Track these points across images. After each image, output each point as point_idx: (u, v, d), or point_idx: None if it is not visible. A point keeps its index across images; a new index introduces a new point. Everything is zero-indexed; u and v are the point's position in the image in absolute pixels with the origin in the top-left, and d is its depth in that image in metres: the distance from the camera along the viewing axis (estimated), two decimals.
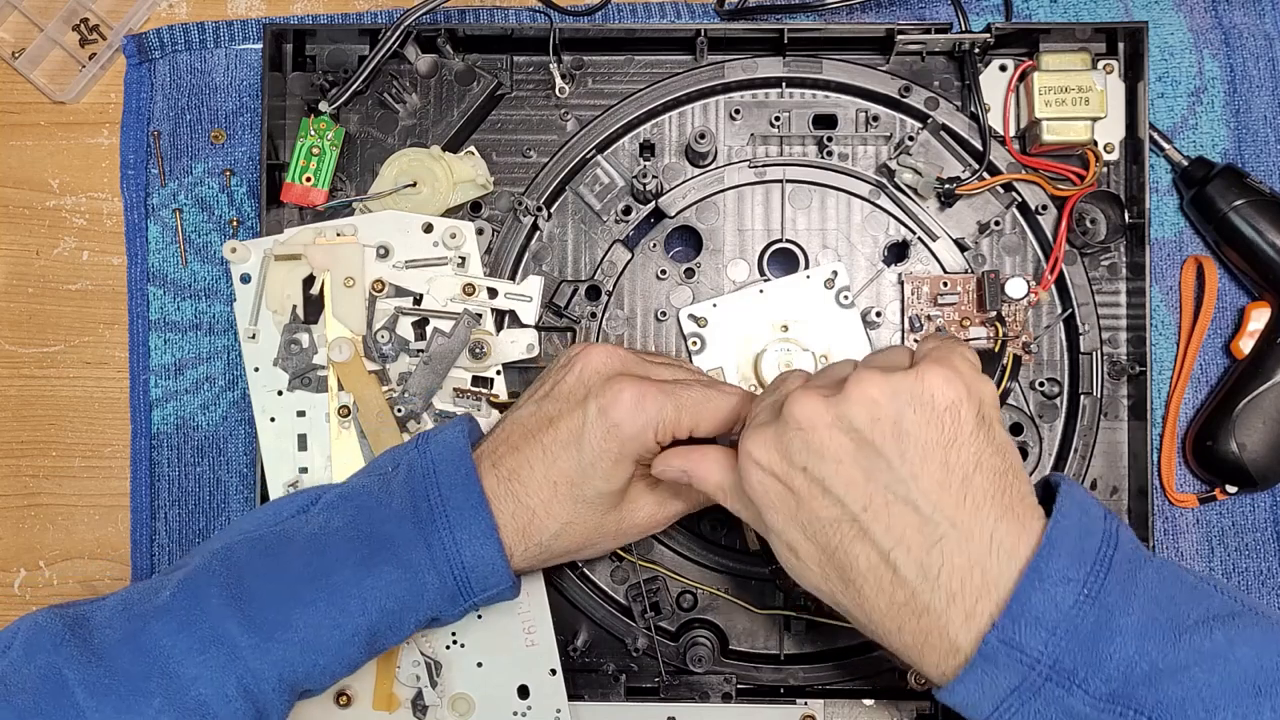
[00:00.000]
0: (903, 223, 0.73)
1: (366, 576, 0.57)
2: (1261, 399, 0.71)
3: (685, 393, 0.59)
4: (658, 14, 0.77)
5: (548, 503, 0.59)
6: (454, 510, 0.58)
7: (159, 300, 0.77)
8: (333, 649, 0.57)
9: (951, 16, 0.73)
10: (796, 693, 0.71)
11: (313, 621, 0.56)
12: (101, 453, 0.77)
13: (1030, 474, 0.71)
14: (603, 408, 0.58)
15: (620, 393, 0.58)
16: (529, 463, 0.59)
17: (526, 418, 0.61)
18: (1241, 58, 0.76)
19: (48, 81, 0.79)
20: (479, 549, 0.58)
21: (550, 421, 0.60)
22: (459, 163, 0.71)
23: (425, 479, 0.59)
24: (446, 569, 0.58)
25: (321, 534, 0.59)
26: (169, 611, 0.56)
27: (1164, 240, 0.75)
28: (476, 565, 0.58)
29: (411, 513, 0.58)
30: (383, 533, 0.58)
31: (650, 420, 0.58)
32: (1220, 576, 0.74)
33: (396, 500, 0.59)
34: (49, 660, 0.54)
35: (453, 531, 0.58)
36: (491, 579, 0.59)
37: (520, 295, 0.69)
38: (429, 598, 0.58)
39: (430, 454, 0.60)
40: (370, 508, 0.59)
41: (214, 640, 0.55)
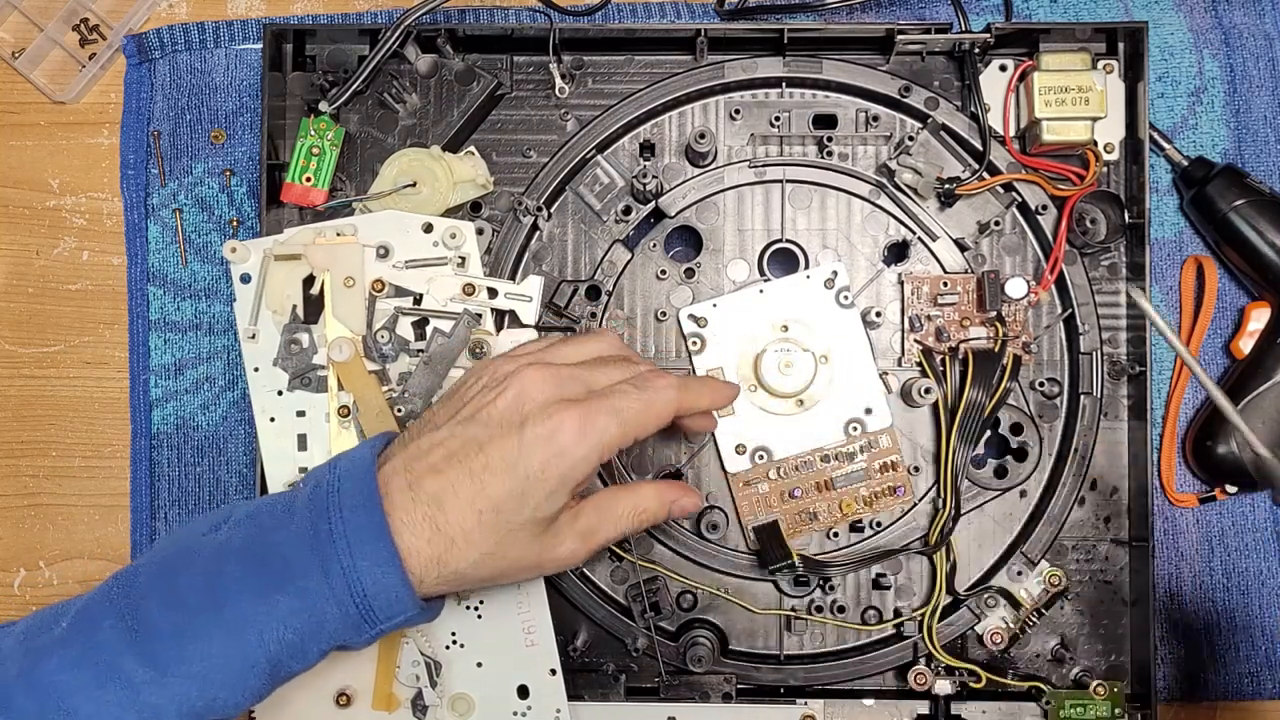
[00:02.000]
0: (903, 223, 0.73)
1: (262, 607, 0.54)
2: (1261, 399, 0.71)
3: (625, 405, 0.57)
4: (658, 14, 0.77)
5: (469, 532, 0.56)
6: (354, 534, 0.54)
7: (159, 300, 0.77)
8: (232, 682, 0.54)
9: (951, 16, 0.73)
10: (796, 693, 0.71)
11: (208, 655, 0.54)
12: (101, 453, 0.77)
13: (1030, 473, 0.71)
14: (544, 436, 0.55)
15: (563, 421, 0.56)
16: (453, 488, 0.56)
17: (448, 439, 0.57)
18: (1241, 58, 0.76)
19: (48, 81, 0.79)
20: (380, 576, 0.54)
21: (480, 446, 0.56)
22: (459, 163, 0.71)
23: (328, 498, 0.56)
24: (347, 597, 0.54)
25: (219, 556, 0.55)
26: (65, 644, 0.54)
27: (1164, 240, 0.75)
28: (379, 593, 0.55)
29: (311, 536, 0.55)
30: (280, 556, 0.55)
31: (595, 446, 0.56)
32: (1220, 577, 0.74)
33: (297, 522, 0.56)
34: None
35: (353, 558, 0.54)
36: (396, 606, 0.55)
37: (520, 295, 0.69)
38: (330, 627, 0.55)
39: (337, 471, 0.57)
40: (270, 529, 0.56)
41: (110, 675, 0.53)
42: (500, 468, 0.56)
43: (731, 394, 0.66)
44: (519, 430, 0.56)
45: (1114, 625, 0.71)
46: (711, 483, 0.72)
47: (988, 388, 0.69)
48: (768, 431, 0.71)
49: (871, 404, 0.71)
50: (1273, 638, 0.74)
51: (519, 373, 0.58)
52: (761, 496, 0.71)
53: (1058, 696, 0.69)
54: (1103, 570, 0.71)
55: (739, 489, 0.72)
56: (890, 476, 0.71)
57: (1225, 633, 0.74)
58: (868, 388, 0.71)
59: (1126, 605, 0.71)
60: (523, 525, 0.56)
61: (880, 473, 0.71)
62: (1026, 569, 0.71)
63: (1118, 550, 0.72)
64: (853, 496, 0.71)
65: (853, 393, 0.71)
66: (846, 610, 0.72)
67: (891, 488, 0.71)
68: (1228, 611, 0.74)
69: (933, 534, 0.70)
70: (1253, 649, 0.74)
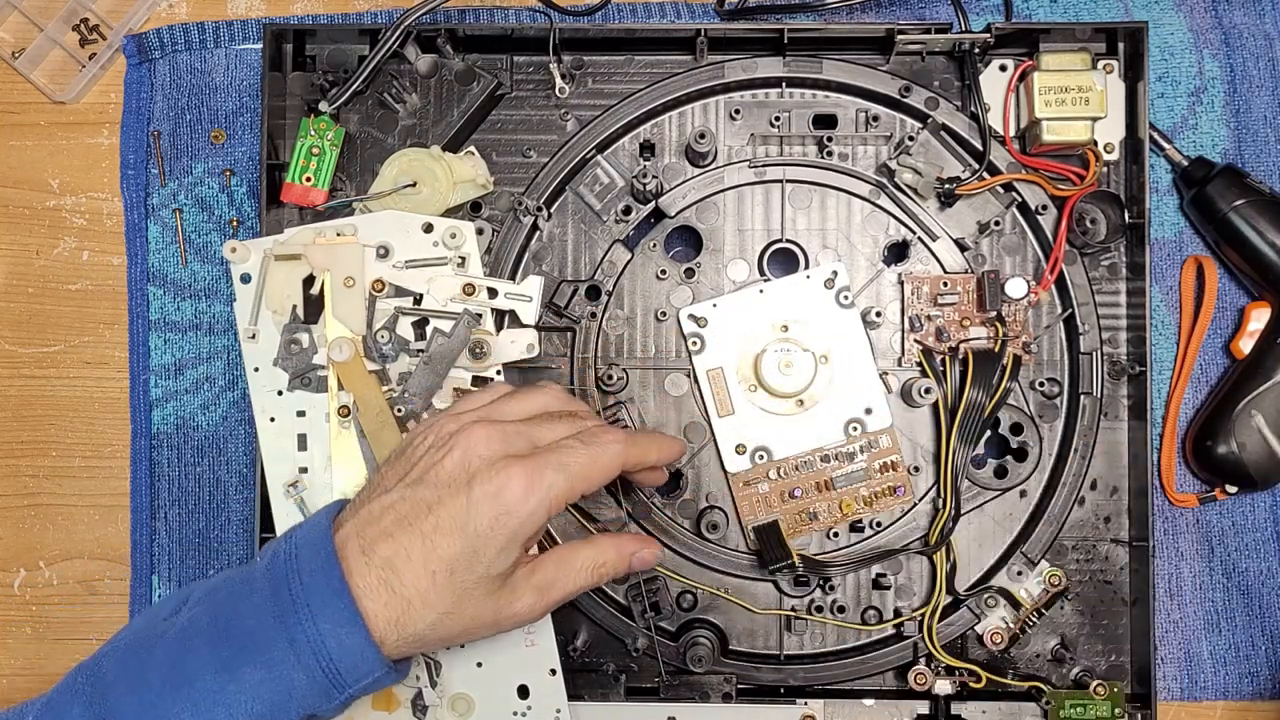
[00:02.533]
0: (903, 223, 0.73)
1: (229, 682, 0.53)
2: (1261, 399, 0.71)
3: (572, 460, 0.57)
4: (658, 14, 0.77)
5: (425, 593, 0.55)
6: (315, 599, 0.54)
7: (159, 300, 0.77)
8: None
9: (951, 16, 0.73)
10: (796, 693, 0.71)
11: None
12: (101, 453, 0.77)
13: (1030, 473, 0.71)
14: (492, 494, 0.56)
15: (510, 479, 0.56)
16: (405, 551, 0.55)
17: (398, 502, 0.57)
18: (1241, 58, 0.76)
19: (48, 81, 0.79)
20: (345, 639, 0.54)
21: (429, 508, 0.56)
22: (459, 163, 0.71)
23: (286, 566, 0.56)
24: (313, 663, 0.54)
25: (183, 636, 0.55)
26: None
27: (1164, 240, 0.75)
28: (344, 656, 0.54)
29: (272, 605, 0.54)
30: (243, 629, 0.54)
31: (542, 501, 0.56)
32: (1220, 577, 0.74)
33: (257, 593, 0.55)
34: None
35: (316, 623, 0.54)
36: (364, 668, 0.55)
37: (520, 295, 0.69)
38: (299, 695, 0.54)
39: (294, 540, 0.57)
40: (231, 603, 0.56)
41: None
42: (450, 528, 0.56)
43: (678, 450, 0.66)
44: (467, 489, 0.56)
45: (1114, 625, 0.71)
46: (711, 483, 0.72)
47: (988, 388, 0.69)
48: (768, 431, 0.71)
49: (871, 404, 0.71)
50: (1273, 637, 0.74)
51: (464, 431, 0.58)
52: (761, 496, 0.71)
53: (1058, 696, 0.69)
54: (1103, 570, 0.71)
55: (739, 489, 0.72)
56: (890, 476, 0.71)
57: (1225, 633, 0.74)
58: (868, 388, 0.71)
59: (1126, 605, 0.71)
60: (477, 584, 0.56)
61: (880, 473, 0.71)
62: (1026, 569, 0.71)
63: (1118, 550, 0.72)
64: (853, 496, 0.71)
65: (853, 393, 0.71)
66: (846, 610, 0.72)
67: (891, 488, 0.71)
68: (1228, 611, 0.74)
69: (933, 534, 0.70)
70: (1253, 649, 0.74)
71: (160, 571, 0.76)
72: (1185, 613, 0.74)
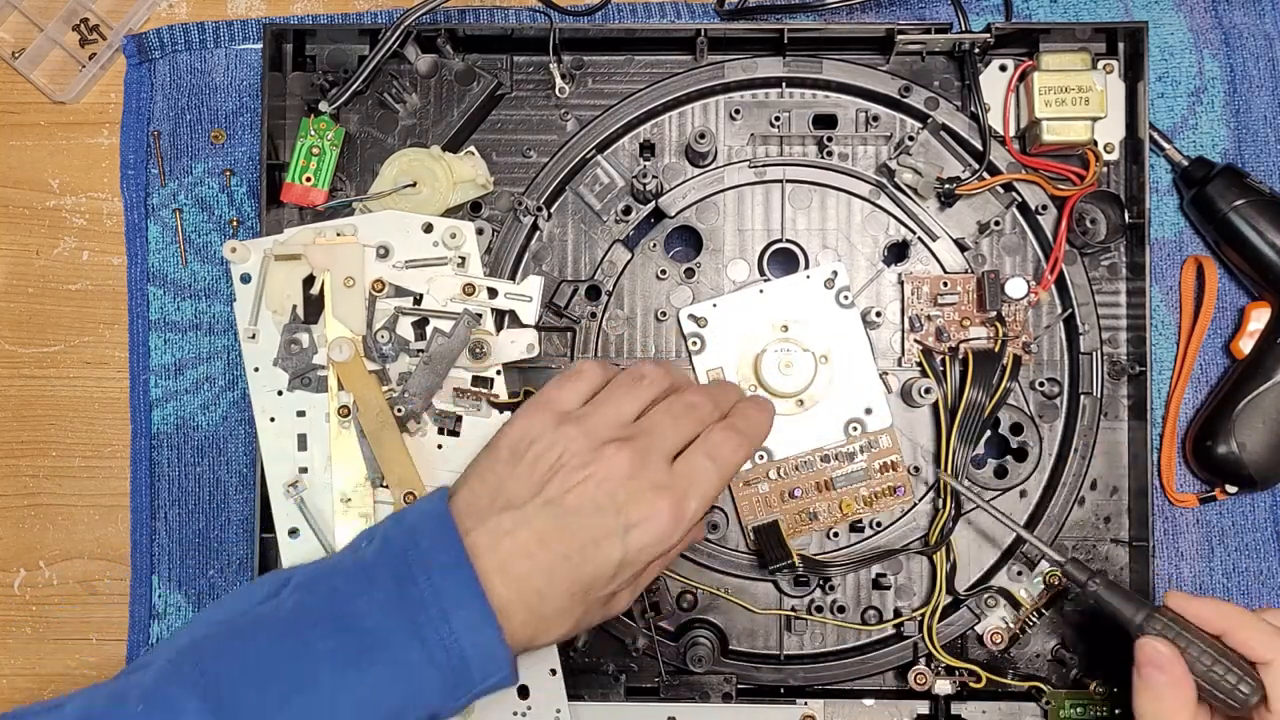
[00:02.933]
0: (903, 223, 0.73)
1: (357, 682, 0.52)
2: (1261, 399, 0.71)
3: (707, 485, 0.59)
4: (658, 14, 0.77)
5: (562, 612, 0.56)
6: (449, 600, 0.54)
7: (159, 300, 0.77)
8: None
9: (951, 16, 0.73)
10: (796, 693, 0.71)
11: None
12: (101, 453, 0.77)
13: (1030, 473, 0.71)
14: (640, 526, 0.57)
15: (658, 513, 0.57)
16: (549, 574, 0.56)
17: (535, 520, 0.56)
18: (1241, 58, 0.76)
19: (48, 81, 0.79)
20: (479, 639, 0.54)
21: (572, 533, 0.56)
22: (459, 163, 0.71)
23: (409, 560, 0.55)
24: (445, 663, 0.53)
25: (298, 625, 0.54)
26: None
27: (1164, 240, 0.75)
28: (477, 657, 0.54)
29: (399, 601, 0.54)
30: (366, 625, 0.53)
31: (685, 526, 0.58)
32: (1220, 577, 0.74)
33: (380, 587, 0.54)
34: None
35: (449, 624, 0.53)
36: (492, 667, 0.54)
37: (520, 295, 0.69)
38: (428, 695, 0.54)
39: (412, 531, 0.56)
40: (350, 595, 0.54)
41: None
42: (595, 555, 0.56)
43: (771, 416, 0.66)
44: (615, 518, 0.56)
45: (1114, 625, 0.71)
46: None
47: (988, 388, 0.69)
48: None
49: (871, 404, 0.71)
50: None
51: (603, 456, 0.58)
52: (761, 496, 0.71)
53: (1058, 696, 0.69)
54: (1103, 570, 0.71)
55: (739, 489, 0.72)
56: (890, 476, 0.71)
57: None
58: (868, 388, 0.71)
59: None
60: (604, 599, 0.58)
61: (880, 473, 0.71)
62: (1026, 569, 0.71)
63: (1118, 550, 0.72)
64: (853, 496, 0.71)
65: (853, 393, 0.71)
66: (846, 610, 0.72)
67: (891, 488, 0.71)
68: None
69: (933, 534, 0.70)
70: None
71: (160, 571, 0.76)
72: None
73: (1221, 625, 0.60)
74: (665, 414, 0.61)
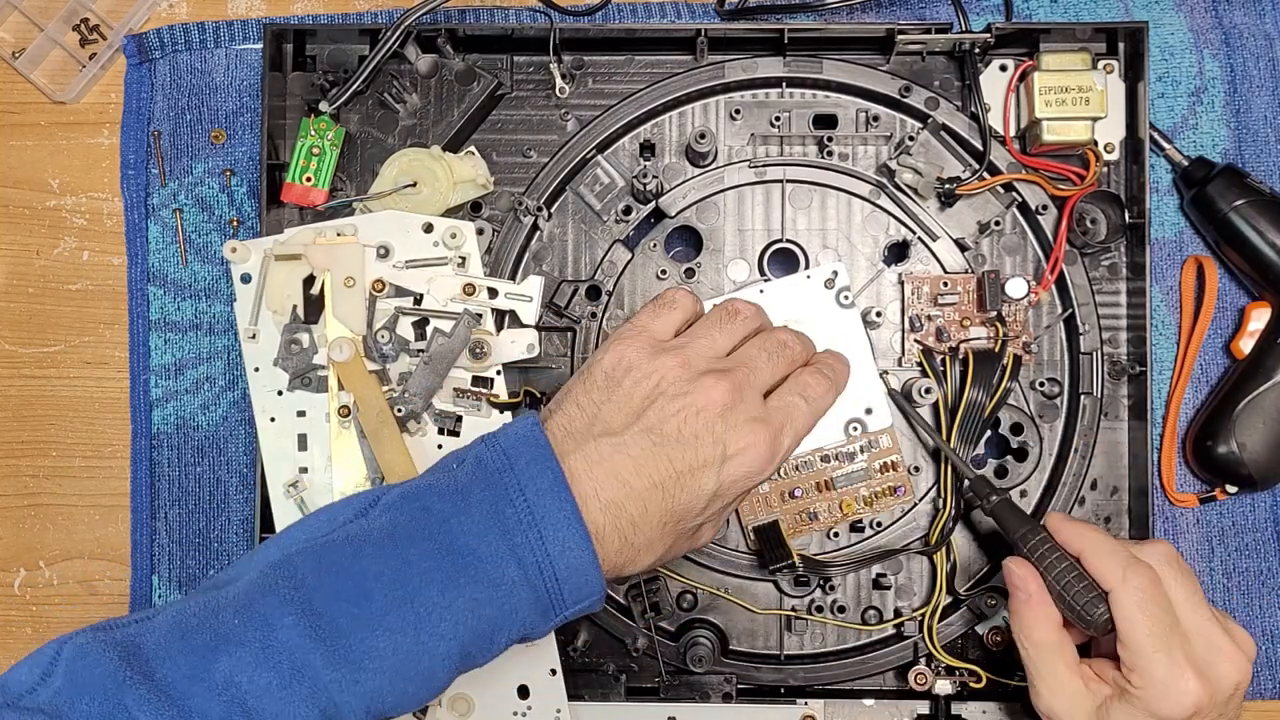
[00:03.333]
0: (903, 223, 0.73)
1: (456, 597, 0.53)
2: (1261, 399, 0.71)
3: (800, 422, 0.61)
4: (658, 14, 0.77)
5: (653, 540, 0.57)
6: (545, 523, 0.54)
7: (159, 300, 0.77)
8: (423, 674, 0.53)
9: (951, 16, 0.73)
10: (796, 693, 0.71)
11: (402, 647, 0.52)
12: (101, 453, 0.77)
13: (1030, 473, 0.71)
14: (737, 459, 0.58)
15: (756, 444, 0.58)
16: (643, 503, 0.56)
17: (631, 447, 0.57)
18: (1241, 58, 0.76)
19: (48, 81, 0.79)
20: (573, 560, 0.54)
21: (669, 461, 0.57)
22: (459, 163, 0.71)
23: (504, 479, 0.55)
24: (540, 582, 0.54)
25: (394, 542, 0.54)
26: (241, 642, 0.51)
27: (1164, 240, 0.75)
28: (570, 577, 0.54)
29: (496, 520, 0.54)
30: (465, 544, 0.54)
31: (779, 460, 0.60)
32: (1220, 577, 0.74)
33: (475, 505, 0.54)
34: (114, 699, 0.49)
35: (545, 545, 0.54)
36: (584, 590, 0.55)
37: (520, 295, 0.69)
38: (522, 614, 0.54)
39: (506, 453, 0.56)
40: (445, 514, 0.54)
41: (296, 674, 0.50)
42: (692, 485, 0.57)
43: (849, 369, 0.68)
44: (713, 449, 0.57)
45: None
46: None
47: (988, 388, 0.69)
48: None
49: (871, 404, 0.71)
50: (1273, 637, 0.74)
51: (702, 388, 0.58)
52: (762, 496, 0.71)
53: None
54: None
55: None
56: (890, 476, 0.71)
57: None
58: (868, 388, 0.71)
59: None
60: (691, 530, 0.60)
61: (880, 473, 0.71)
62: None
63: None
64: (853, 496, 0.71)
65: (853, 393, 0.71)
66: (847, 610, 0.72)
67: (891, 488, 0.71)
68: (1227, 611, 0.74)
69: (933, 534, 0.70)
70: None
71: (160, 571, 0.76)
72: None
73: (1080, 547, 0.61)
74: (760, 350, 0.62)
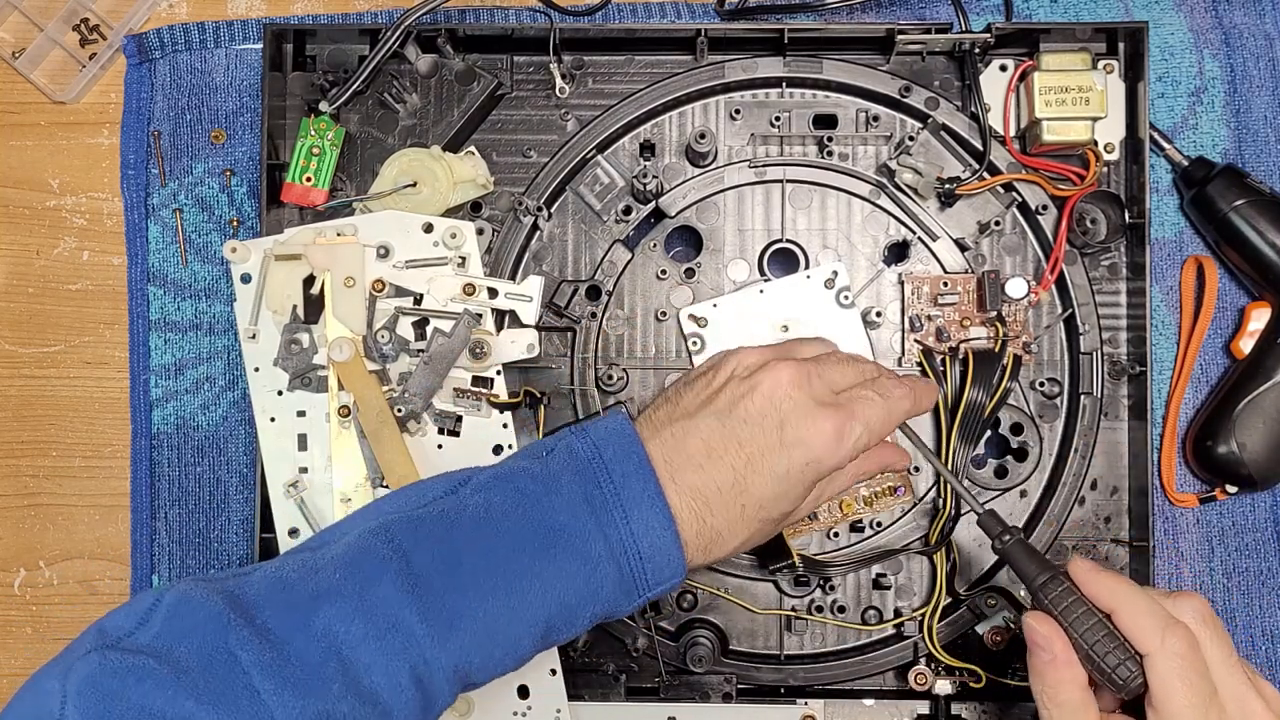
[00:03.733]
0: (903, 223, 0.73)
1: (547, 566, 0.55)
2: (1261, 399, 0.71)
3: (872, 414, 0.60)
4: (658, 14, 0.77)
5: (733, 524, 0.58)
6: (631, 503, 0.56)
7: (159, 300, 0.77)
8: (509, 641, 0.55)
9: (951, 16, 0.73)
10: (796, 693, 0.71)
11: (492, 611, 0.54)
12: (101, 453, 0.77)
13: (1030, 473, 0.71)
14: (803, 440, 0.58)
15: (823, 427, 0.58)
16: (716, 485, 0.57)
17: (707, 431, 0.58)
18: (1241, 58, 0.76)
19: (48, 81, 0.79)
20: (656, 540, 0.56)
21: (740, 444, 0.58)
22: (459, 163, 0.71)
23: (593, 466, 0.57)
24: (625, 560, 0.56)
25: (487, 517, 0.56)
26: (340, 595, 0.53)
27: (1164, 240, 0.75)
28: (653, 557, 0.56)
29: (585, 501, 0.56)
30: (555, 522, 0.56)
31: (847, 452, 0.59)
32: (1220, 577, 0.74)
33: (565, 487, 0.56)
34: (217, 640, 0.51)
35: (630, 525, 0.56)
36: (666, 570, 0.57)
37: (520, 295, 0.69)
38: (606, 590, 0.56)
39: (594, 443, 0.58)
40: (537, 495, 0.57)
41: (391, 628, 0.52)
42: (762, 468, 0.58)
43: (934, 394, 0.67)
44: (779, 431, 0.58)
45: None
46: None
47: (988, 388, 0.69)
48: None
49: None
50: (1273, 638, 0.74)
51: (770, 369, 0.60)
52: None
53: None
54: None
55: None
56: (890, 476, 0.71)
57: None
58: None
59: None
60: (776, 520, 0.60)
61: (880, 473, 0.71)
62: None
63: (1118, 550, 0.72)
64: (853, 496, 0.71)
65: None
66: (847, 610, 0.72)
67: (891, 488, 0.71)
68: (1228, 611, 0.74)
69: (933, 534, 0.70)
70: (1253, 649, 0.74)
71: (160, 571, 0.76)
72: None
73: (1111, 604, 0.56)
74: (836, 357, 0.64)
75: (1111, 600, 0.56)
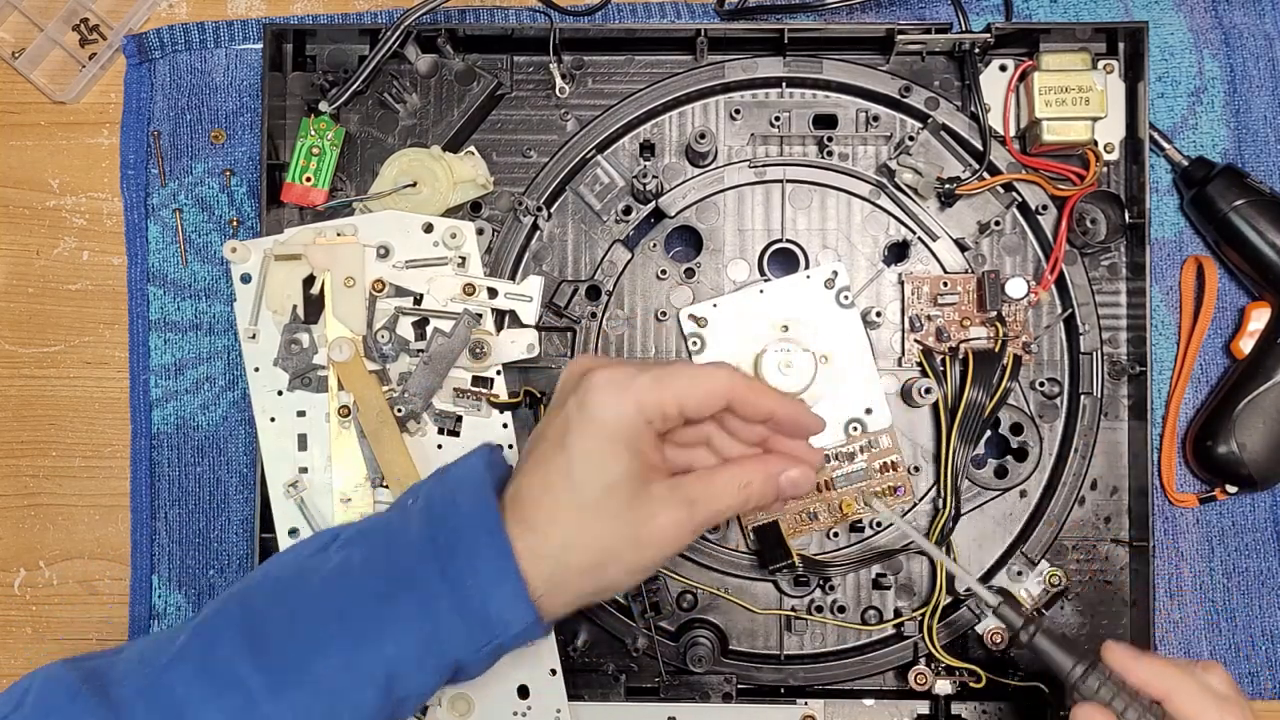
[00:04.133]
0: (903, 223, 0.73)
1: (384, 610, 0.54)
2: (1261, 399, 0.71)
3: (667, 372, 0.56)
4: (658, 14, 0.77)
5: (550, 514, 0.55)
6: (469, 537, 0.54)
7: (159, 300, 0.77)
8: (350, 692, 0.54)
9: (951, 16, 0.73)
10: (796, 693, 0.71)
11: (332, 664, 0.53)
12: (101, 453, 0.77)
13: (1030, 473, 0.71)
14: (581, 402, 0.55)
15: (594, 382, 0.55)
16: (527, 481, 0.56)
17: (534, 451, 0.58)
18: (1241, 58, 0.76)
19: (48, 81, 0.79)
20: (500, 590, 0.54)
21: (540, 435, 0.57)
22: (459, 163, 0.71)
23: (443, 506, 0.56)
24: (463, 598, 0.54)
25: (339, 571, 0.56)
26: (184, 658, 0.54)
27: (1164, 240, 0.75)
28: (493, 593, 0.54)
29: (430, 543, 0.55)
30: (401, 565, 0.55)
31: (631, 400, 0.54)
32: (1220, 577, 0.74)
33: (414, 531, 0.56)
34: (64, 716, 0.52)
35: (471, 560, 0.54)
36: (509, 609, 0.54)
37: (520, 295, 0.69)
38: (453, 640, 0.54)
39: (448, 482, 0.58)
40: (388, 541, 0.56)
41: (229, 685, 0.53)
42: (555, 444, 0.56)
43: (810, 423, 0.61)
44: (563, 406, 0.57)
45: (1114, 625, 0.71)
46: None
47: (988, 388, 0.69)
48: None
49: (871, 404, 0.71)
50: (1273, 638, 0.74)
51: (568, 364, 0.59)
52: None
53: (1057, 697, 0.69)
54: (1103, 570, 0.71)
55: None
56: (890, 476, 0.71)
57: (1225, 633, 0.74)
58: (868, 388, 0.71)
59: (1126, 605, 0.71)
60: (599, 498, 0.55)
61: (880, 473, 0.71)
62: (1026, 569, 0.71)
63: (1118, 550, 0.72)
64: (853, 496, 0.71)
65: (853, 393, 0.71)
66: (847, 610, 0.72)
67: (891, 488, 0.71)
68: (1228, 611, 0.74)
69: (933, 534, 0.70)
70: (1253, 649, 0.74)
71: (160, 571, 0.76)
72: (1185, 613, 0.74)
73: (1162, 689, 0.57)
74: None
75: (1163, 686, 0.57)
